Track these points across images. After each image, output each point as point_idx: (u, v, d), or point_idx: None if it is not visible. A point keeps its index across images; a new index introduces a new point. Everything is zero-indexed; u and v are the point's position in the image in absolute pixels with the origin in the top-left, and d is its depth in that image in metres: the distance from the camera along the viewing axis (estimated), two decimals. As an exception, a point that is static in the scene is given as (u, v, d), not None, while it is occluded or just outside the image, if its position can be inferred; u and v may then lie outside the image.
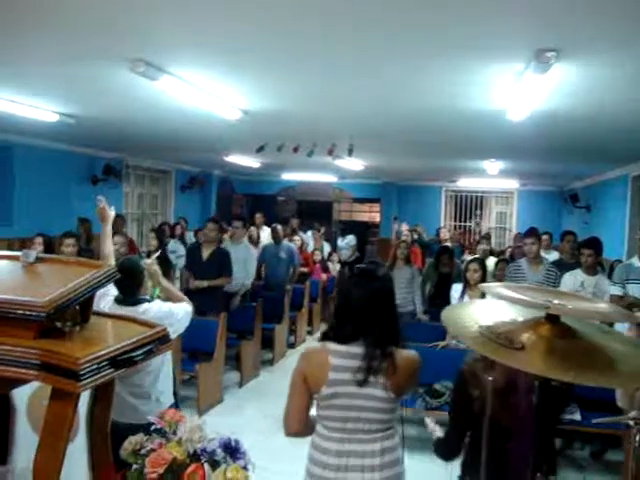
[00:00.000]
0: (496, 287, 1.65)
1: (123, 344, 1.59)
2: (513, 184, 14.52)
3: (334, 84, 4.90)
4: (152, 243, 7.15)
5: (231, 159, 11.41)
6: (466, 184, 14.94)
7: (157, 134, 8.19)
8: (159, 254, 4.92)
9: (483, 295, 2.22)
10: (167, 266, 6.32)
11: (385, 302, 2.45)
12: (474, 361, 2.31)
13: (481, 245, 9.16)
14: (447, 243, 10.36)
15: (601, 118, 5.65)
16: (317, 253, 11.37)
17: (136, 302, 3.41)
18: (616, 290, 5.65)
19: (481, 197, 16.22)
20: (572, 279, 5.94)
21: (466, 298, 5.87)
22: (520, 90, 4.42)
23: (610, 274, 6.40)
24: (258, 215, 11.59)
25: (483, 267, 6.11)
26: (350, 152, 8.14)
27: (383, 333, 2.38)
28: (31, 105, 6.19)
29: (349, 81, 4.77)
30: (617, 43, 3.39)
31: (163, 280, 3.85)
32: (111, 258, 3.71)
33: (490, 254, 9.71)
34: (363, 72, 4.44)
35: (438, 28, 3.33)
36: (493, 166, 10.62)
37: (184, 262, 7.80)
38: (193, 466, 1.77)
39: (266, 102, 5.74)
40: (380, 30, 3.40)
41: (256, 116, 6.27)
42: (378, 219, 16.90)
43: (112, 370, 1.53)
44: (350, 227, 15.10)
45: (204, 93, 5.18)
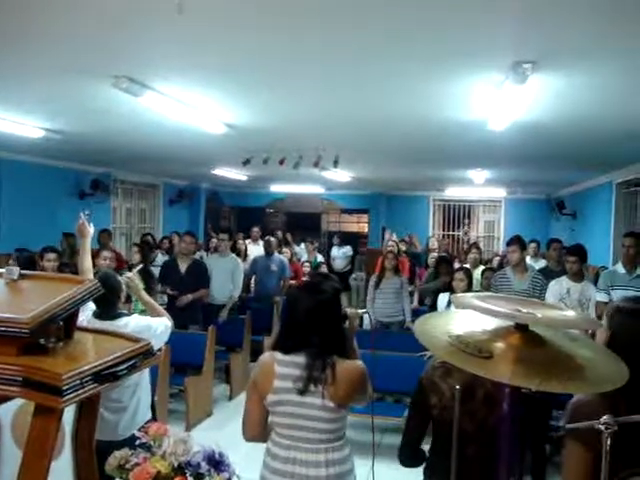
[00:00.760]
0: (465, 297, 1.68)
1: (107, 359, 1.60)
2: (500, 193, 14.62)
3: (318, 97, 4.95)
4: (134, 257, 7.13)
5: (218, 172, 11.44)
6: (454, 193, 15.02)
7: (144, 149, 8.21)
8: (141, 267, 4.93)
9: (465, 305, 2.23)
10: (150, 280, 6.31)
11: (329, 314, 2.51)
12: (433, 369, 2.35)
13: (471, 254, 9.23)
14: (435, 253, 10.40)
15: (583, 126, 5.73)
16: (307, 265, 11.40)
17: (115, 316, 3.42)
18: (601, 297, 5.70)
19: (469, 206, 16.31)
20: (558, 286, 5.98)
21: (452, 307, 5.90)
22: (500, 100, 4.49)
23: (596, 281, 6.45)
24: (255, 229, 11.58)
25: (469, 276, 6.15)
26: (336, 164, 8.19)
27: (325, 344, 2.44)
28: (15, 121, 6.20)
29: (333, 94, 4.82)
30: (591, 54, 3.46)
31: (144, 294, 3.86)
32: (90, 273, 3.72)
33: (480, 263, 9.78)
34: (346, 85, 4.50)
35: (420, 42, 3.40)
36: (479, 175, 10.70)
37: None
38: (177, 479, 1.78)
39: (250, 116, 5.78)
40: (363, 44, 3.46)
41: (241, 130, 6.31)
42: (367, 230, 16.95)
43: (96, 385, 1.54)
44: (345, 238, 15.14)
45: (188, 108, 5.22)
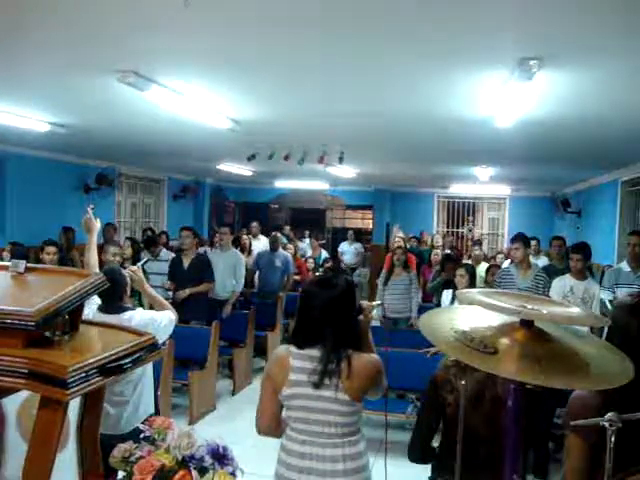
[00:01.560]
0: (470, 293, 1.69)
1: (112, 352, 1.61)
2: (505, 190, 14.58)
3: (324, 93, 4.95)
4: (127, 251, 7.12)
5: (223, 167, 11.44)
6: (458, 190, 14.99)
7: (149, 143, 8.22)
8: (145, 261, 4.93)
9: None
10: (145, 275, 6.32)
11: (343, 308, 2.53)
12: (447, 367, 2.35)
13: (475, 251, 9.23)
14: (439, 250, 10.40)
15: (589, 124, 5.71)
16: (311, 261, 11.43)
17: (120, 310, 3.43)
18: (606, 294, 5.70)
19: (473, 203, 16.28)
20: (561, 284, 5.97)
21: (456, 303, 5.91)
22: (506, 98, 4.48)
23: (602, 279, 6.44)
24: (254, 224, 11.60)
25: (471, 273, 6.16)
26: (341, 160, 8.19)
27: (340, 338, 2.46)
28: (22, 115, 6.21)
29: (338, 90, 4.81)
30: (598, 51, 3.45)
31: (147, 287, 3.87)
32: (96, 268, 3.73)
33: (483, 259, 9.79)
34: (353, 81, 4.49)
35: (425, 38, 3.39)
36: (484, 172, 10.68)
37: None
38: (181, 473, 1.79)
39: (256, 111, 5.77)
40: (369, 39, 3.45)
41: (247, 125, 6.31)
42: (371, 226, 16.95)
43: (101, 378, 1.55)
44: (344, 234, 15.15)
45: (194, 103, 5.22)
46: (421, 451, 2.55)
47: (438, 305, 7.41)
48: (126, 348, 1.67)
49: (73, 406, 1.75)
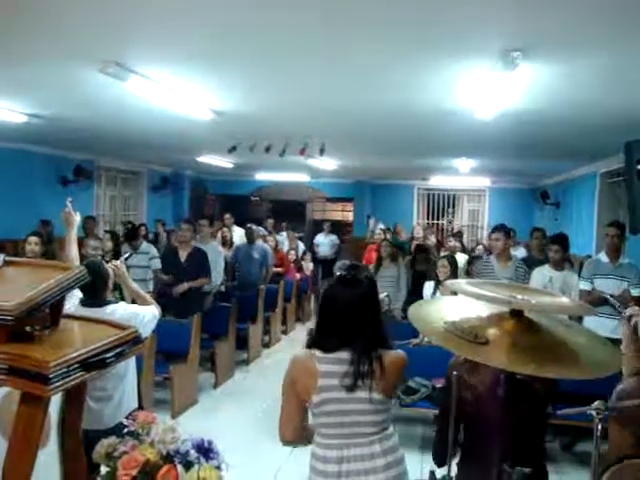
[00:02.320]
0: (461, 284, 1.68)
1: (94, 346, 1.58)
2: (485, 182, 14.68)
3: (305, 85, 4.93)
4: (107, 245, 7.05)
5: (203, 159, 11.37)
6: (438, 182, 15.07)
7: (129, 135, 8.13)
8: (128, 255, 4.88)
9: (455, 292, 2.22)
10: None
11: (371, 306, 2.43)
12: (459, 364, 2.32)
13: (450, 242, 9.28)
14: (419, 241, 10.43)
15: (569, 116, 5.74)
16: (292, 253, 11.42)
17: (102, 304, 3.39)
18: (584, 285, 5.76)
19: (453, 195, 16.37)
20: (540, 275, 6.01)
21: (438, 294, 5.93)
22: (488, 89, 4.49)
23: (580, 270, 6.50)
24: (227, 215, 11.58)
25: (452, 263, 6.18)
26: (322, 152, 8.18)
27: (371, 337, 2.37)
28: (-2, 106, 6.11)
29: (320, 81, 4.79)
30: (580, 44, 3.46)
31: (130, 281, 3.83)
32: (76, 261, 3.68)
33: (462, 251, 9.83)
34: (334, 73, 4.48)
35: (407, 29, 3.37)
36: (464, 164, 10.73)
37: (158, 263, 7.74)
38: (166, 467, 1.77)
39: (238, 103, 5.73)
40: (350, 29, 3.43)
41: (228, 117, 6.27)
42: (351, 218, 16.96)
43: (83, 373, 1.52)
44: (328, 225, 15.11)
45: (175, 94, 5.16)
46: (446, 452, 2.50)
47: (411, 294, 7.43)
48: (108, 342, 1.64)
49: (55, 401, 1.72)
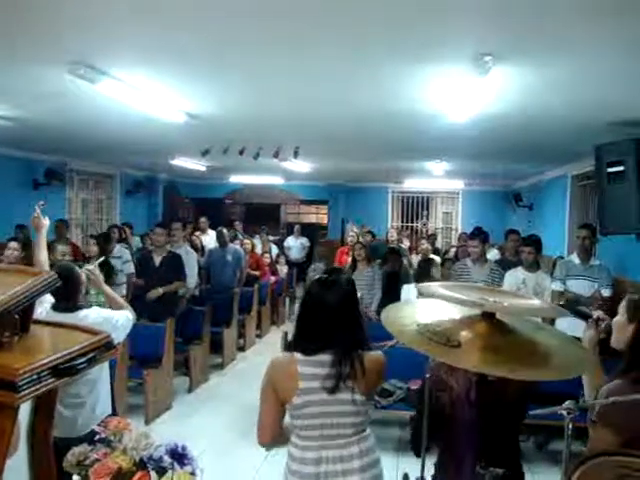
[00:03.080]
0: (433, 287, 1.69)
1: (65, 352, 1.55)
2: (458, 185, 14.80)
3: (278, 89, 4.92)
4: (92, 249, 6.99)
5: (177, 162, 11.29)
6: (412, 185, 15.16)
7: (100, 137, 8.04)
8: (103, 260, 4.84)
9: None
10: (110, 272, 6.20)
11: (351, 308, 2.45)
12: (437, 366, 2.33)
13: (422, 245, 9.36)
14: (394, 244, 10.48)
15: (540, 120, 5.82)
16: (267, 256, 11.41)
17: (74, 309, 3.34)
18: (557, 286, 5.84)
19: (427, 198, 16.47)
20: (514, 277, 6.10)
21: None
22: (461, 93, 4.52)
23: (553, 271, 6.59)
24: (202, 219, 11.52)
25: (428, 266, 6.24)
26: (296, 155, 8.18)
27: (352, 339, 2.39)
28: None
29: (293, 85, 4.78)
30: (550, 48, 3.50)
31: (105, 286, 3.80)
32: (46, 266, 3.64)
33: (435, 253, 9.92)
34: (305, 77, 4.47)
35: (377, 34, 3.38)
36: (438, 167, 10.80)
37: (131, 267, 7.67)
38: (139, 474, 1.75)
39: (211, 105, 5.70)
40: (323, 34, 3.43)
41: (201, 119, 6.23)
42: (326, 221, 16.97)
43: (54, 379, 1.50)
44: (304, 229, 15.12)
45: (147, 96, 5.12)
46: (425, 448, 2.51)
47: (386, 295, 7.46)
48: (80, 348, 1.61)
49: (24, 408, 1.69)
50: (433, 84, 4.50)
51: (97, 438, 1.86)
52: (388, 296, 6.88)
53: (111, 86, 4.56)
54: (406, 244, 11.39)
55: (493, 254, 8.77)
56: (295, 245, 14.01)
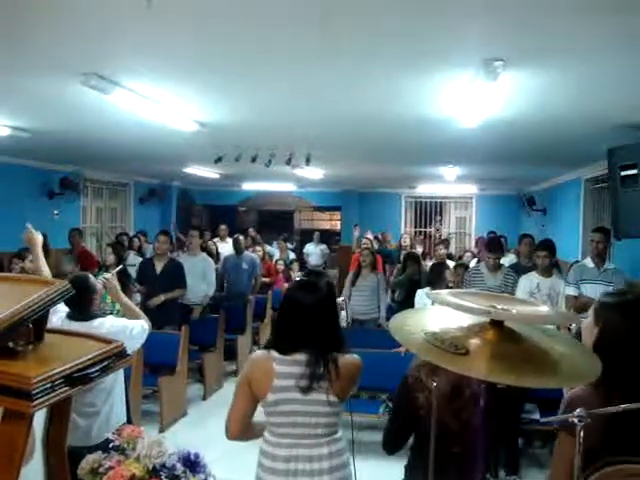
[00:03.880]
0: (440, 294, 1.69)
1: (78, 361, 1.57)
2: (471, 189, 14.74)
3: (290, 96, 4.94)
4: (109, 258, 7.04)
5: (190, 170, 11.35)
6: (425, 190, 15.11)
7: (114, 147, 8.10)
8: (120, 268, 4.85)
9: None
10: (127, 280, 6.23)
11: (327, 311, 2.52)
12: (419, 367, 2.36)
13: (439, 250, 9.33)
14: (407, 250, 10.47)
15: (552, 124, 5.79)
16: (280, 263, 11.41)
17: (89, 317, 3.37)
18: (571, 290, 5.79)
19: (440, 203, 16.41)
20: (528, 282, 6.05)
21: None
22: (471, 98, 4.52)
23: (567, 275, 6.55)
24: (222, 227, 11.52)
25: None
26: (307, 161, 8.19)
27: (327, 340, 2.46)
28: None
29: (305, 92, 4.80)
30: (559, 51, 3.49)
31: (122, 296, 3.82)
32: (49, 277, 3.65)
33: (449, 258, 9.89)
34: (319, 83, 4.48)
35: (389, 40, 3.39)
36: (451, 172, 10.77)
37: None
38: (152, 482, 1.76)
39: (222, 114, 5.73)
40: (333, 40, 3.44)
41: (213, 128, 6.26)
42: (339, 227, 16.96)
43: (67, 388, 1.51)
44: (312, 235, 15.12)
45: (159, 106, 5.15)
46: (395, 446, 2.54)
47: (403, 302, 7.44)
48: (93, 356, 1.63)
49: (39, 416, 1.71)
50: (444, 90, 4.50)
51: (111, 446, 1.87)
52: (407, 303, 6.82)
53: (123, 96, 4.60)
54: (419, 250, 11.35)
55: (510, 258, 8.71)
56: (315, 252, 14.03)
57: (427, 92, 4.61)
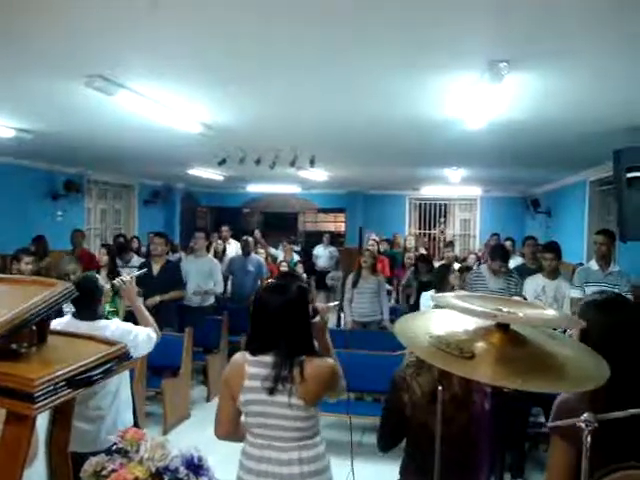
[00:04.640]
0: (445, 297, 1.68)
1: (81, 363, 1.56)
2: (476, 191, 14.72)
3: (294, 98, 4.94)
4: (102, 259, 7.00)
5: (194, 172, 11.36)
6: (430, 192, 15.10)
7: (118, 148, 8.11)
8: (144, 271, 4.79)
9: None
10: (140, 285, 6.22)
11: (295, 314, 2.52)
12: (406, 367, 2.35)
13: (448, 252, 9.31)
14: (412, 252, 10.44)
15: (557, 126, 5.78)
16: (284, 265, 11.38)
17: (94, 318, 3.36)
18: (576, 293, 5.76)
19: (445, 204, 16.39)
20: (533, 284, 6.02)
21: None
22: (477, 100, 4.51)
23: (572, 278, 6.51)
24: (225, 228, 11.51)
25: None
26: (312, 163, 8.18)
27: (294, 343, 2.47)
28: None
29: (309, 94, 4.81)
30: (566, 54, 3.48)
31: (136, 299, 3.80)
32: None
33: (455, 261, 9.86)
34: (323, 85, 4.48)
35: (394, 42, 3.39)
36: (455, 174, 10.76)
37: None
38: (155, 485, 1.75)
39: (227, 116, 5.74)
40: (340, 42, 3.44)
41: (217, 129, 6.27)
42: (343, 229, 16.94)
43: (70, 390, 1.50)
44: (316, 237, 15.10)
45: (164, 107, 5.16)
46: (388, 444, 2.53)
47: (411, 305, 7.43)
48: (96, 359, 1.62)
49: (42, 418, 1.70)
50: (449, 91, 4.49)
51: (114, 448, 1.87)
52: (417, 306, 6.79)
53: (128, 98, 4.61)
54: (422, 252, 11.32)
55: (516, 260, 8.67)
56: (324, 254, 13.98)
57: (433, 93, 4.60)
